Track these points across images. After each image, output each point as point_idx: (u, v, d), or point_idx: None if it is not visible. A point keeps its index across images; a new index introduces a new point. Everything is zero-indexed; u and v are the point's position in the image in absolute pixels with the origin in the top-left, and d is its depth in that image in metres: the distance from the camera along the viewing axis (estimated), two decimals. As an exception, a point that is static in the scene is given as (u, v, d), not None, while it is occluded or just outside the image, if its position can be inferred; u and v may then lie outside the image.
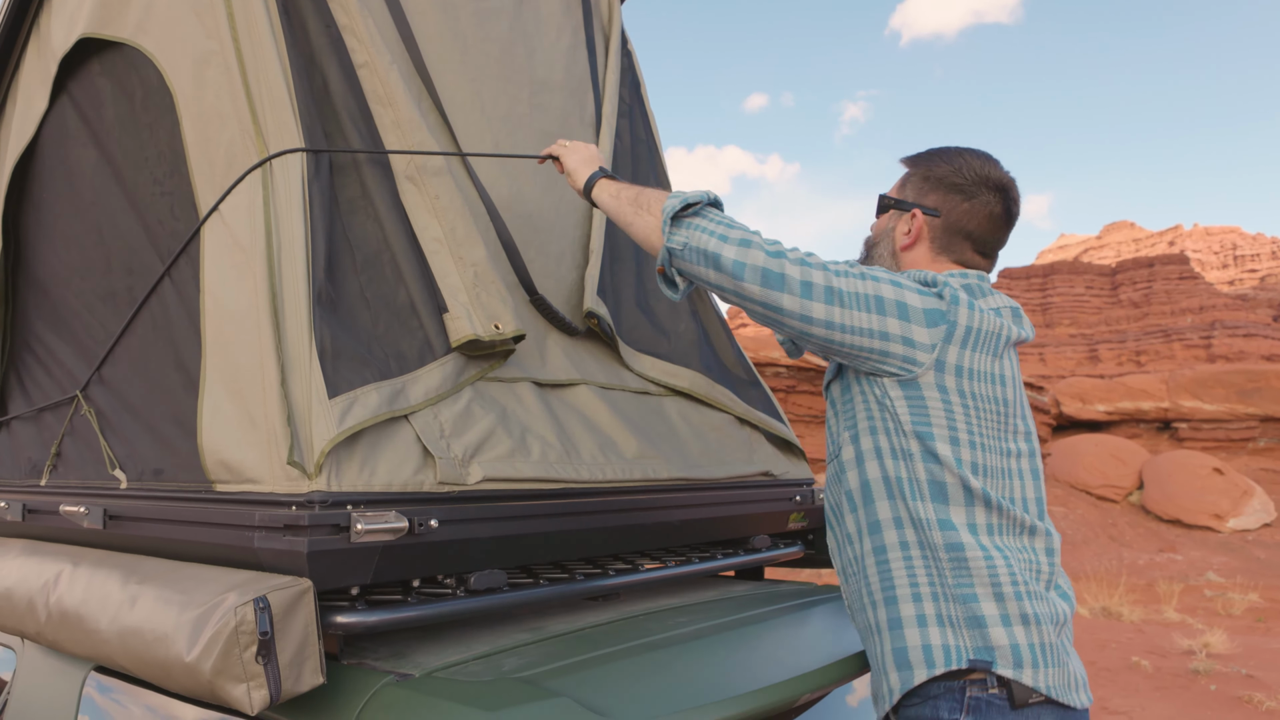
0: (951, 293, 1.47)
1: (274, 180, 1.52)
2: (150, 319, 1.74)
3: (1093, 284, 63.16)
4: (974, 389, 1.46)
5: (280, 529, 1.27)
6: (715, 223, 1.49)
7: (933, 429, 1.44)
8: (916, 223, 1.65)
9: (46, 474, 1.94)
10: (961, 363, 1.45)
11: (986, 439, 1.46)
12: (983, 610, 1.41)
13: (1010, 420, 1.51)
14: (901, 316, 1.43)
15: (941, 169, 1.65)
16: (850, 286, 1.43)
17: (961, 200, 1.62)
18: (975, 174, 1.62)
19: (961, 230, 1.63)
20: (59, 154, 2.09)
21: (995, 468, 1.47)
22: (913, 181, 1.68)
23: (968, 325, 1.45)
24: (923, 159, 1.69)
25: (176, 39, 1.73)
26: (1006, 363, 1.52)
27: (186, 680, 1.23)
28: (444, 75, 1.92)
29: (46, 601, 1.54)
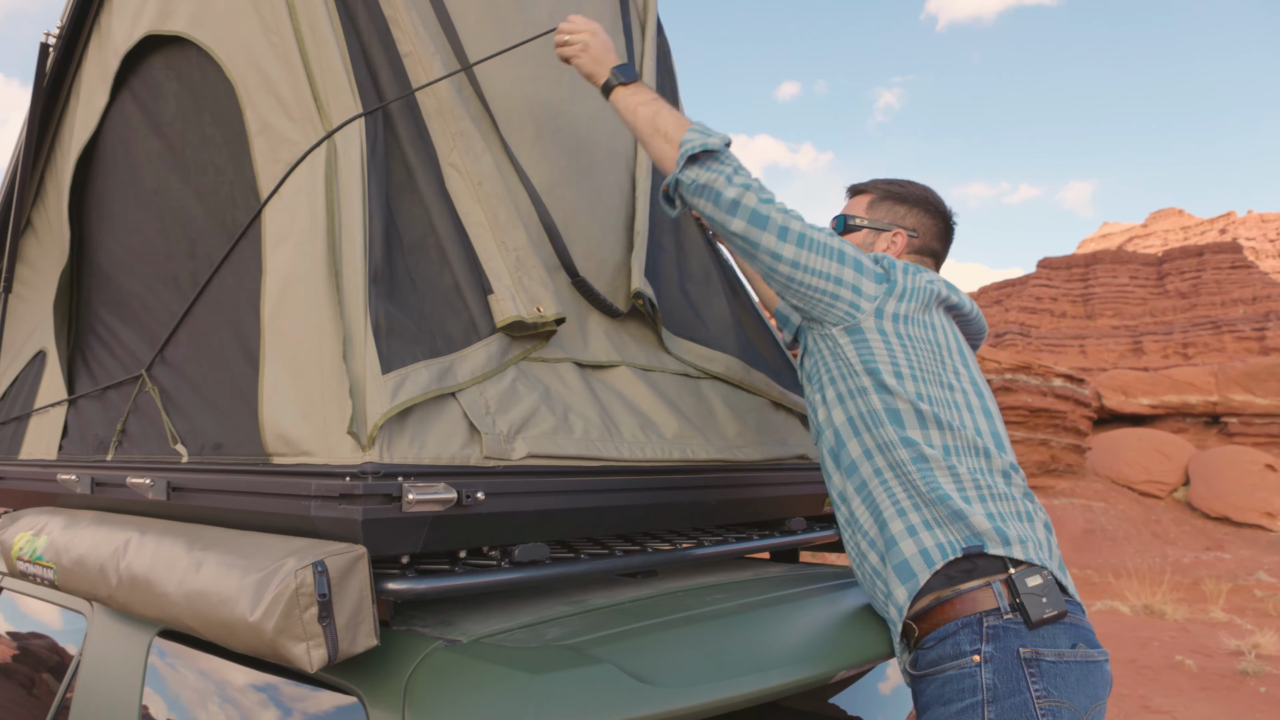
0: (890, 262, 1.73)
1: (337, 159, 1.58)
2: (212, 301, 1.82)
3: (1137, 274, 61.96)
4: (909, 331, 1.67)
5: (336, 498, 1.33)
6: (725, 164, 1.68)
7: (878, 364, 1.65)
8: (901, 241, 1.93)
9: (112, 449, 2.03)
10: (897, 311, 1.67)
11: (926, 373, 1.66)
12: (959, 504, 1.56)
13: (948, 360, 1.69)
14: (855, 269, 1.67)
15: (913, 193, 1.96)
16: (819, 237, 1.66)
17: (931, 223, 1.95)
18: (932, 199, 1.97)
19: (930, 250, 1.96)
20: (121, 146, 2.17)
21: (939, 398, 1.65)
22: (883, 204, 1.97)
23: (904, 286, 1.69)
24: (885, 185, 1.99)
25: (235, 32, 1.81)
26: (937, 315, 1.73)
27: (250, 639, 1.30)
28: (485, 66, 1.97)
29: (117, 567, 1.63)
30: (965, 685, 1.48)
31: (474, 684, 1.27)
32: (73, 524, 1.90)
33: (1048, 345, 56.03)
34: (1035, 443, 33.25)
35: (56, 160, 2.44)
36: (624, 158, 2.27)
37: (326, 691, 1.40)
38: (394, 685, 1.31)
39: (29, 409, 2.52)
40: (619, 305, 1.99)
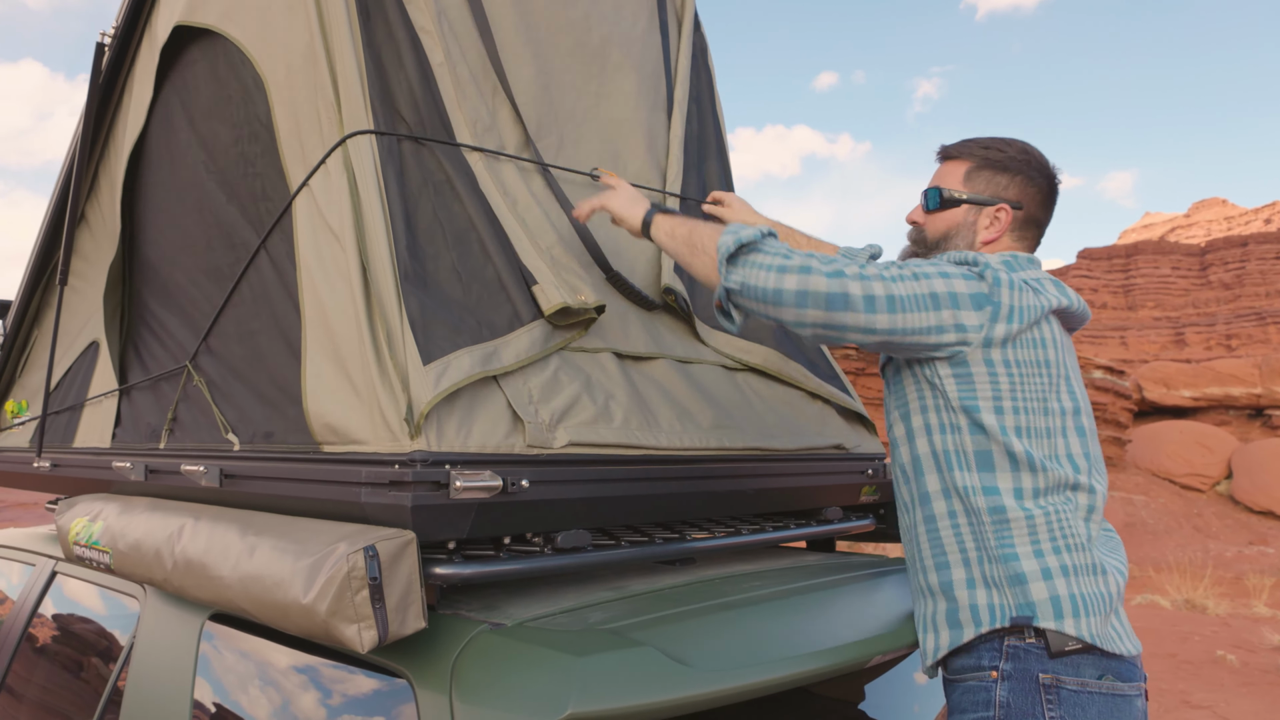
0: (993, 274, 1.54)
1: (352, 162, 1.62)
2: (250, 292, 1.86)
3: (1179, 264, 60.90)
4: (1017, 356, 1.53)
5: (386, 485, 1.37)
6: (772, 255, 1.53)
7: (978, 401, 1.53)
8: (1005, 218, 1.70)
9: (164, 438, 2.09)
10: (1007, 334, 1.52)
11: (1030, 402, 1.54)
12: (1023, 568, 1.49)
13: (1055, 380, 1.57)
14: (953, 305, 1.50)
15: (1013, 161, 1.71)
16: (907, 290, 1.50)
17: (1035, 191, 1.71)
18: (1035, 161, 1.72)
19: (1035, 220, 1.73)
20: (164, 140, 2.23)
21: (1039, 428, 1.54)
22: (982, 174, 1.72)
23: (1010, 304, 1.52)
24: (979, 149, 1.74)
25: (266, 29, 1.85)
26: (1047, 327, 1.58)
27: (303, 621, 1.34)
28: (518, 68, 2.00)
29: (172, 551, 1.68)
30: (980, 699, 1.50)
31: (518, 665, 1.30)
32: (128, 510, 1.96)
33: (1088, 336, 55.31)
34: (1074, 435, 32.67)
35: (110, 155, 2.50)
36: (653, 158, 2.29)
37: (375, 672, 1.44)
38: (441, 666, 1.35)
39: (83, 398, 2.59)
40: (654, 299, 2.02)
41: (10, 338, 3.09)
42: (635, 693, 1.24)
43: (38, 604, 2.49)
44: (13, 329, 3.08)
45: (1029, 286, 1.57)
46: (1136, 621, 9.65)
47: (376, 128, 1.65)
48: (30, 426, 2.98)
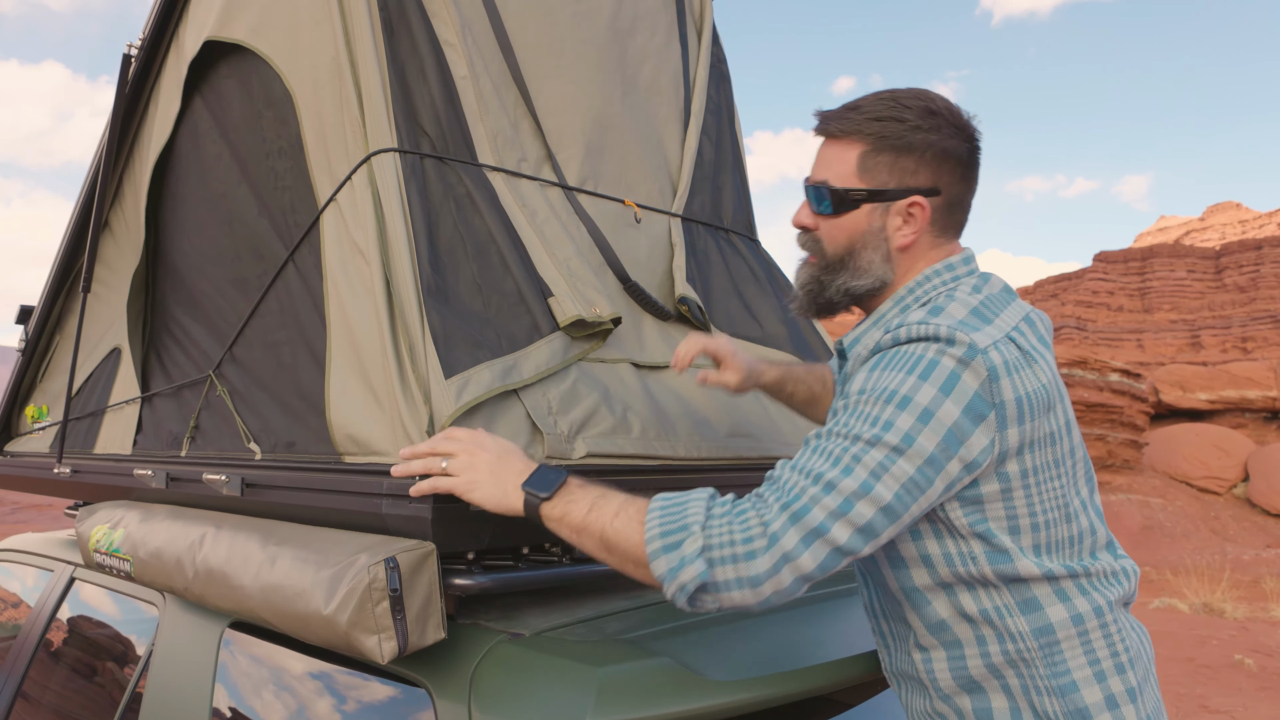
0: (986, 361, 1.17)
1: (376, 179, 1.64)
2: (277, 303, 1.88)
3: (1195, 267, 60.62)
4: (1034, 461, 1.22)
5: (406, 497, 1.38)
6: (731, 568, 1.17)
7: (991, 527, 1.23)
8: (922, 213, 1.34)
9: (185, 445, 2.11)
10: (1021, 441, 1.20)
11: (1051, 513, 1.25)
12: (1085, 700, 1.24)
13: (1071, 468, 1.28)
14: (952, 445, 1.15)
15: (916, 130, 1.32)
16: (896, 482, 1.14)
17: (953, 165, 1.34)
18: (946, 122, 1.33)
19: (958, 202, 1.37)
20: (192, 151, 2.25)
21: (1062, 539, 1.26)
22: (881, 159, 1.33)
23: (1017, 396, 1.18)
24: (875, 120, 1.33)
25: (294, 44, 1.87)
26: (1060, 410, 1.27)
27: (324, 631, 1.36)
28: (540, 81, 2.01)
29: (194, 560, 1.70)
30: None
31: (537, 676, 1.31)
32: (148, 518, 1.98)
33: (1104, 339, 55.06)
34: (1092, 438, 32.70)
35: (135, 164, 2.52)
36: (667, 172, 2.30)
37: (394, 682, 1.45)
38: (460, 677, 1.36)
39: (104, 405, 2.62)
40: (670, 309, 2.03)
41: (32, 343, 3.12)
42: (653, 704, 1.25)
43: (56, 609, 2.51)
44: (34, 334, 3.11)
45: (1023, 355, 1.22)
46: (1154, 625, 9.60)
47: (400, 145, 1.66)
48: (50, 432, 3.01)
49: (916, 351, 1.19)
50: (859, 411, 1.19)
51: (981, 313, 1.27)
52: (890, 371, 1.19)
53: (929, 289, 1.36)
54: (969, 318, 1.25)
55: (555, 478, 1.31)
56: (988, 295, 1.32)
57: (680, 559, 1.18)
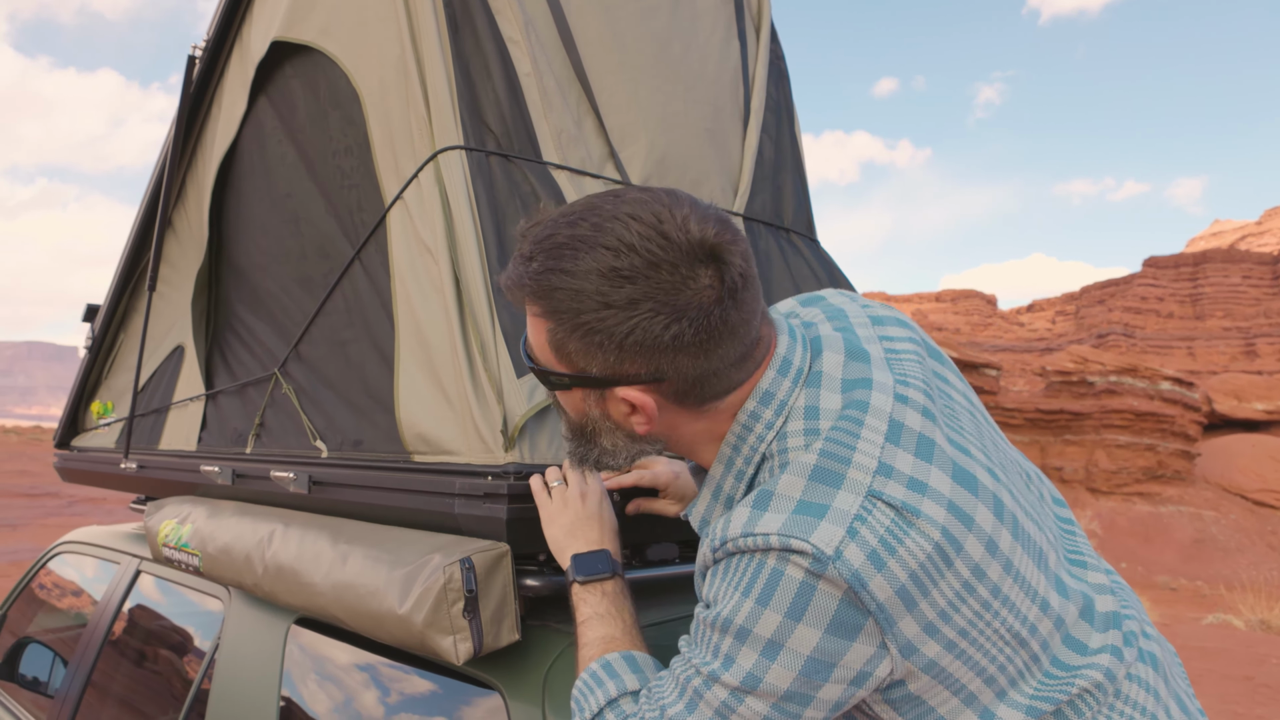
0: (842, 570, 0.90)
1: (443, 176, 1.63)
2: (343, 301, 1.88)
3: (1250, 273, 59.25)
4: (962, 622, 0.95)
5: (480, 497, 1.37)
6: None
7: (938, 710, 1.00)
8: (646, 408, 1.03)
9: (251, 443, 2.12)
10: (929, 616, 0.93)
11: (997, 642, 0.98)
12: None
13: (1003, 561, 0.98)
14: (818, 673, 0.93)
15: (607, 312, 0.95)
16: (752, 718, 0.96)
17: (686, 340, 0.96)
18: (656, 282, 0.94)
19: (708, 371, 1.00)
20: (257, 151, 2.27)
21: (1018, 645, 1.00)
22: (572, 342, 0.99)
23: (898, 585, 0.91)
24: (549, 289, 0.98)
25: (361, 43, 1.87)
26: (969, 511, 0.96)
27: (398, 631, 1.35)
28: (602, 78, 2.00)
29: (263, 557, 1.70)
30: None
31: (609, 681, 1.29)
32: (216, 514, 2.00)
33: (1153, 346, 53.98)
34: (1141, 447, 32.08)
35: (198, 165, 2.55)
36: (727, 171, 2.27)
37: (466, 684, 1.44)
38: (533, 679, 1.34)
39: (168, 402, 2.65)
40: None
41: (98, 341, 3.18)
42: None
43: (122, 602, 2.55)
44: (100, 332, 3.16)
45: (898, 514, 0.92)
46: (1209, 641, 9.36)
47: (466, 142, 1.66)
48: (115, 428, 3.06)
49: (754, 563, 0.94)
50: (702, 635, 0.99)
51: (827, 471, 0.96)
52: (727, 588, 0.96)
53: (753, 444, 1.04)
54: (810, 494, 0.95)
55: (599, 570, 1.25)
56: (830, 427, 0.99)
57: None
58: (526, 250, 1.01)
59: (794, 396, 1.03)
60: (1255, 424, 38.31)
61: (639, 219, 0.95)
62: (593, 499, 1.33)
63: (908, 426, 0.99)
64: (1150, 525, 29.86)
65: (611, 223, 0.96)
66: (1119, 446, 32.21)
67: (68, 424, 3.42)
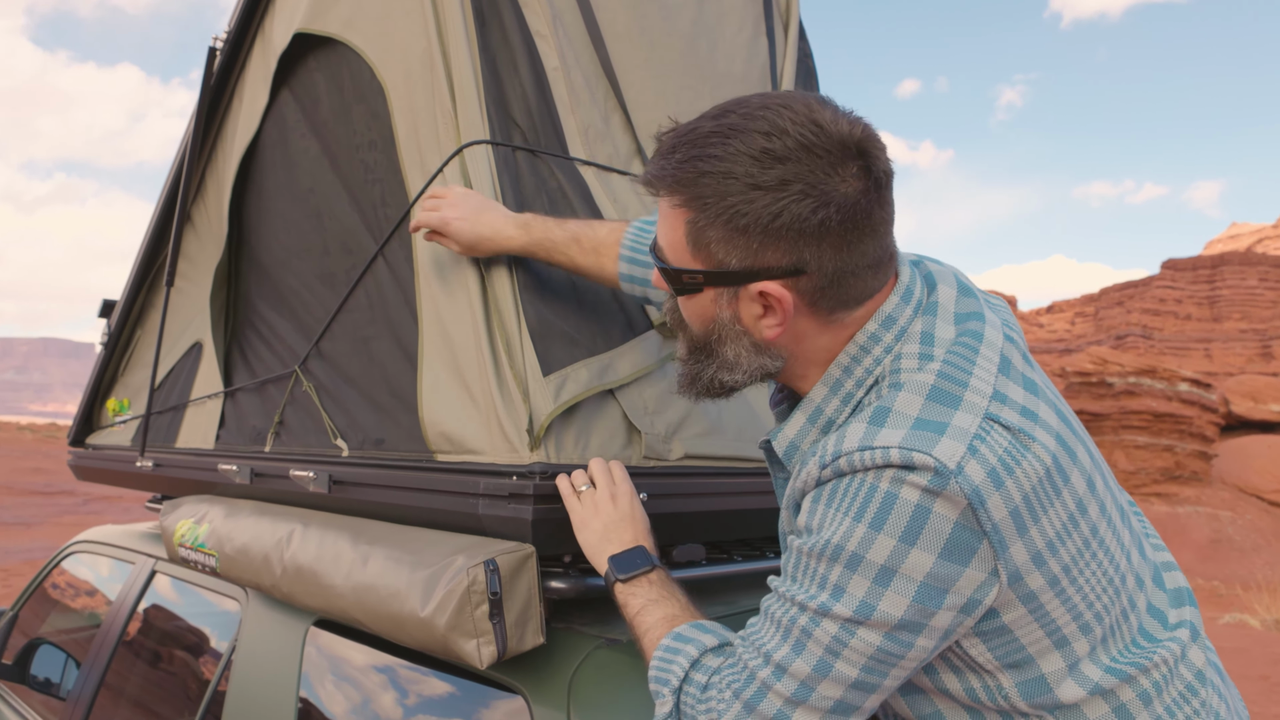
0: (963, 485, 0.88)
1: (469, 171, 1.60)
2: (366, 298, 1.86)
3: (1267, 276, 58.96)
4: (1065, 558, 0.96)
5: (505, 497, 1.34)
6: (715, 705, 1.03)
7: (1027, 648, 0.98)
8: (783, 304, 0.99)
9: (269, 441, 2.10)
10: (1038, 546, 0.93)
11: (1099, 596, 0.99)
12: None
13: (1097, 510, 1.00)
14: (932, 600, 0.91)
15: (756, 193, 0.93)
16: (861, 656, 0.93)
17: (821, 236, 0.95)
18: (808, 165, 0.93)
19: (848, 269, 0.98)
20: (279, 145, 2.25)
21: (1113, 598, 1.01)
22: (712, 233, 0.98)
23: (1012, 507, 0.91)
24: (701, 177, 0.96)
25: (386, 36, 1.85)
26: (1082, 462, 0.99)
27: (420, 634, 1.32)
28: (629, 73, 1.97)
29: (281, 557, 1.68)
30: None
31: (637, 683, 1.26)
32: (233, 513, 1.97)
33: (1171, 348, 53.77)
34: (1159, 448, 31.92)
35: (218, 159, 2.53)
36: None
37: (489, 687, 1.41)
38: (558, 683, 1.31)
39: (185, 399, 2.63)
40: None
41: (114, 337, 3.16)
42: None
43: (137, 603, 2.53)
44: (116, 328, 3.14)
45: (1013, 437, 0.93)
46: (1225, 641, 9.28)
47: (492, 136, 1.63)
48: (131, 426, 3.04)
49: (865, 486, 0.91)
50: (804, 568, 0.96)
51: (943, 392, 0.95)
52: (834, 513, 0.93)
53: (868, 366, 1.03)
54: (928, 412, 0.94)
55: (640, 565, 1.24)
56: (945, 353, 1.00)
57: (661, 711, 1.10)
58: (668, 144, 1.01)
59: (912, 323, 1.04)
60: (1272, 425, 38.03)
61: (791, 108, 0.96)
62: (624, 500, 1.31)
63: (1014, 364, 1.02)
64: (1168, 525, 29.68)
65: (763, 110, 0.96)
66: (1137, 447, 32.04)
67: (83, 421, 3.40)
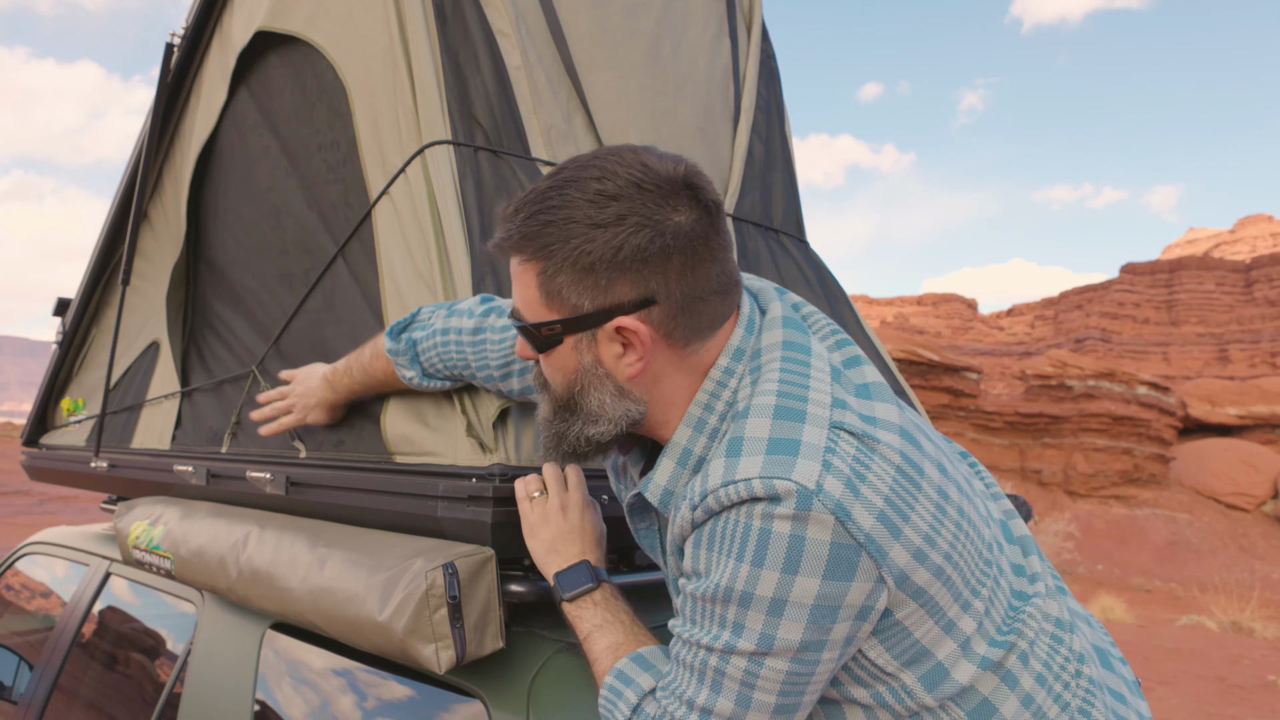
0: (825, 502, 0.91)
1: (430, 171, 1.59)
2: (325, 298, 1.83)
3: (1224, 280, 60.12)
4: (945, 545, 0.99)
5: (464, 500, 1.33)
6: None
7: (922, 643, 1.02)
8: (642, 334, 1.02)
9: (226, 442, 2.07)
10: (916, 543, 0.96)
11: (978, 575, 1.04)
12: None
13: (958, 492, 1.04)
14: (826, 618, 0.94)
15: (595, 230, 0.98)
16: (775, 683, 0.98)
17: (664, 261, 0.99)
18: (640, 199, 0.99)
19: (695, 294, 1.02)
20: (237, 144, 2.22)
21: (985, 569, 1.06)
22: (561, 278, 1.01)
23: (878, 511, 0.93)
24: (545, 226, 1.01)
25: (348, 35, 1.83)
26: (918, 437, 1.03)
27: (378, 638, 1.30)
28: (592, 74, 1.97)
29: (237, 560, 1.65)
30: None
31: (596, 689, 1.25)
32: (189, 515, 1.94)
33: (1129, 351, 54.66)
34: (1118, 451, 32.41)
35: (175, 156, 2.50)
36: (717, 170, 2.24)
37: (447, 692, 1.40)
38: (517, 688, 1.30)
39: (142, 399, 2.59)
40: None
41: (69, 335, 3.10)
42: None
43: (91, 605, 2.48)
44: (71, 327, 3.09)
45: (859, 441, 0.97)
46: (1183, 642, 9.44)
47: (454, 136, 1.62)
48: (86, 426, 2.99)
49: (740, 525, 0.94)
50: (701, 611, 0.99)
51: (787, 409, 0.98)
52: (717, 556, 0.96)
53: (727, 399, 1.06)
54: (778, 431, 0.96)
55: (582, 583, 1.24)
56: (779, 372, 1.03)
57: None
58: (511, 209, 1.06)
59: (756, 354, 1.07)
60: (1228, 428, 38.76)
61: (619, 155, 1.02)
62: (574, 511, 1.29)
63: (842, 371, 1.06)
64: (1126, 528, 30.14)
65: (594, 160, 1.03)
66: (1096, 450, 32.51)
67: (36, 421, 3.34)
